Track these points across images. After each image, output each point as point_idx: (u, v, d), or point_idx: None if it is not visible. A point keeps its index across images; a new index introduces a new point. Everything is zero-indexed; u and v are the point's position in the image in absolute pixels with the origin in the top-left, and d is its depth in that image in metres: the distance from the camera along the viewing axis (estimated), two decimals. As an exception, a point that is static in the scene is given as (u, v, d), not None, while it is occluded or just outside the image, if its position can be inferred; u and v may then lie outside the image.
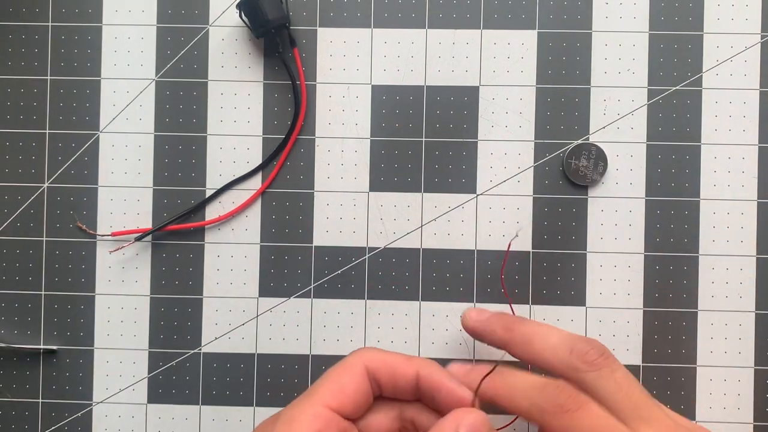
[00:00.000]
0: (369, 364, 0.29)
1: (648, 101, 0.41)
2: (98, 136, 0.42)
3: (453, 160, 0.41)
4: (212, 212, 0.41)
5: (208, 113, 0.41)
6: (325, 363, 0.41)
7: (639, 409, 0.29)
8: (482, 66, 0.41)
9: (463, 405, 0.29)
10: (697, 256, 0.40)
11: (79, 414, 0.41)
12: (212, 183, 0.41)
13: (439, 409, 0.29)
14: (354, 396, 0.28)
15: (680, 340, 0.40)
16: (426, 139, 0.41)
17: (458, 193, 0.41)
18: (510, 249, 0.40)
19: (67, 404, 0.41)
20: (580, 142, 0.41)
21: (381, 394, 0.30)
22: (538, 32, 0.41)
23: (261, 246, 0.41)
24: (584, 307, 0.40)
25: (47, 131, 0.42)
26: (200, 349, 0.41)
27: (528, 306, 0.41)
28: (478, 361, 0.41)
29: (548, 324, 0.34)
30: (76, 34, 0.42)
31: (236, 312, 0.41)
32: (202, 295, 0.41)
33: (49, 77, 0.42)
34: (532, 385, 0.30)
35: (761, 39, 0.41)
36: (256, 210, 0.41)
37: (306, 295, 0.41)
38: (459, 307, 0.41)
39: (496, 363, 0.31)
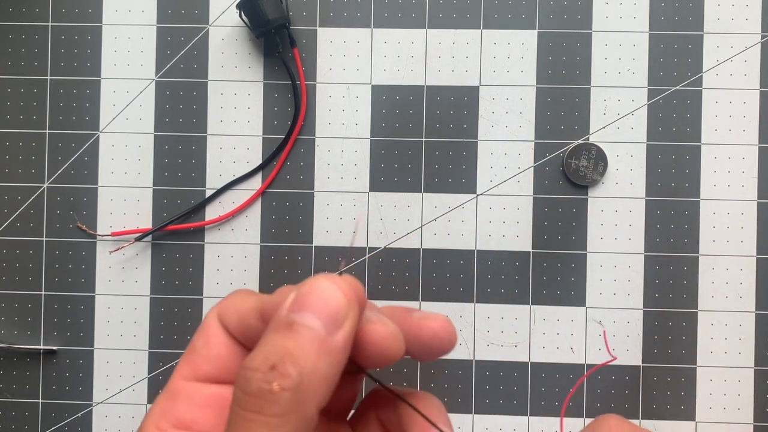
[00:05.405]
0: (218, 311, 0.22)
1: (648, 101, 0.41)
2: (98, 136, 0.42)
3: (453, 160, 0.41)
4: (212, 212, 0.41)
5: (208, 113, 0.41)
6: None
7: None
8: (482, 66, 0.41)
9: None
10: (697, 256, 0.40)
11: (79, 414, 0.41)
12: (212, 183, 0.41)
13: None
14: (205, 353, 0.22)
15: (680, 340, 0.40)
16: (426, 139, 0.41)
17: (458, 193, 0.41)
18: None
19: (67, 404, 0.41)
20: (580, 142, 0.41)
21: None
22: (538, 32, 0.41)
23: (261, 246, 0.41)
24: (584, 308, 0.40)
25: (47, 131, 0.42)
26: (200, 349, 0.41)
27: (528, 306, 0.41)
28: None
29: None
30: (76, 34, 0.42)
31: (236, 312, 0.41)
32: (202, 295, 0.41)
33: (49, 77, 0.42)
34: None
35: (761, 39, 0.41)
36: (256, 210, 0.41)
37: (306, 295, 0.41)
38: (459, 307, 0.41)
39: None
